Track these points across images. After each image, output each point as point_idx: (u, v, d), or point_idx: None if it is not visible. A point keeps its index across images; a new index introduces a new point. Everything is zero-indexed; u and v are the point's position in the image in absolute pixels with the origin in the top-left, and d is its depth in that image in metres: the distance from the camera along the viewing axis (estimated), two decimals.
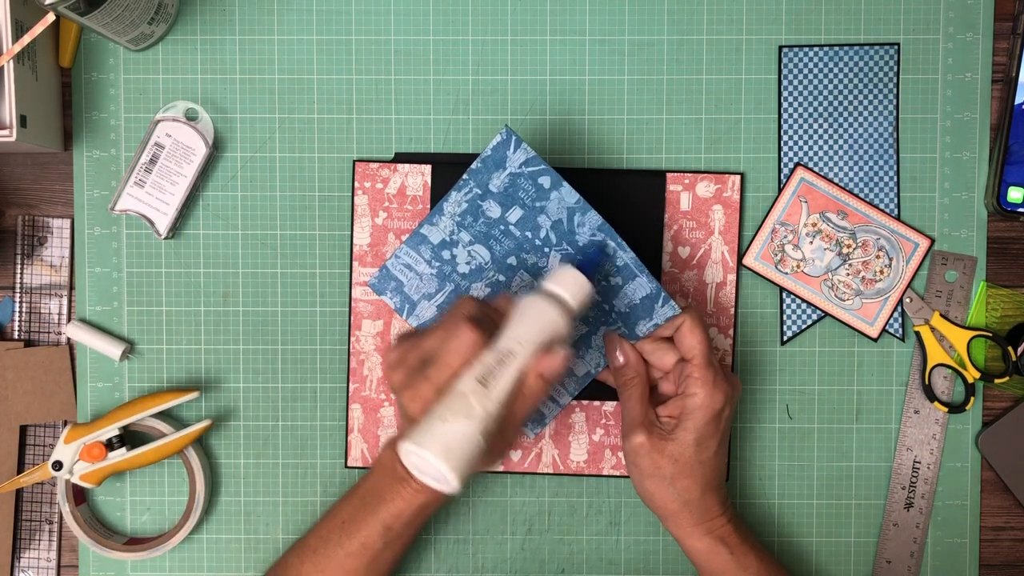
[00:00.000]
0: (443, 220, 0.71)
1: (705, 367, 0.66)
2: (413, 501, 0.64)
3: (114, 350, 0.74)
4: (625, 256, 0.69)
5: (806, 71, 0.75)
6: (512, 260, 0.71)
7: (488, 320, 0.63)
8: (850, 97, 0.75)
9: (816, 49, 0.75)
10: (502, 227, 0.70)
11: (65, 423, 0.75)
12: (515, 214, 0.70)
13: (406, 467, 0.63)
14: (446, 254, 0.72)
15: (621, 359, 0.69)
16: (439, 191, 0.74)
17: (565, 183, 0.69)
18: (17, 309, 0.76)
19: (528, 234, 0.70)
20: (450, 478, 0.58)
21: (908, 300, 0.75)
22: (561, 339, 0.63)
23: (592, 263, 0.67)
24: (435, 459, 0.58)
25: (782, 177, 0.75)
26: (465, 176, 0.69)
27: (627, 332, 0.70)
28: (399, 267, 0.72)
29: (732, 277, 0.75)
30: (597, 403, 0.75)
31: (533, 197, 0.69)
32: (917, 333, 0.75)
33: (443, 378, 0.61)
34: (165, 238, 0.75)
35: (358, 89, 0.75)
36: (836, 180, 0.75)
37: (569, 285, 0.64)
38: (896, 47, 0.75)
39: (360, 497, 0.67)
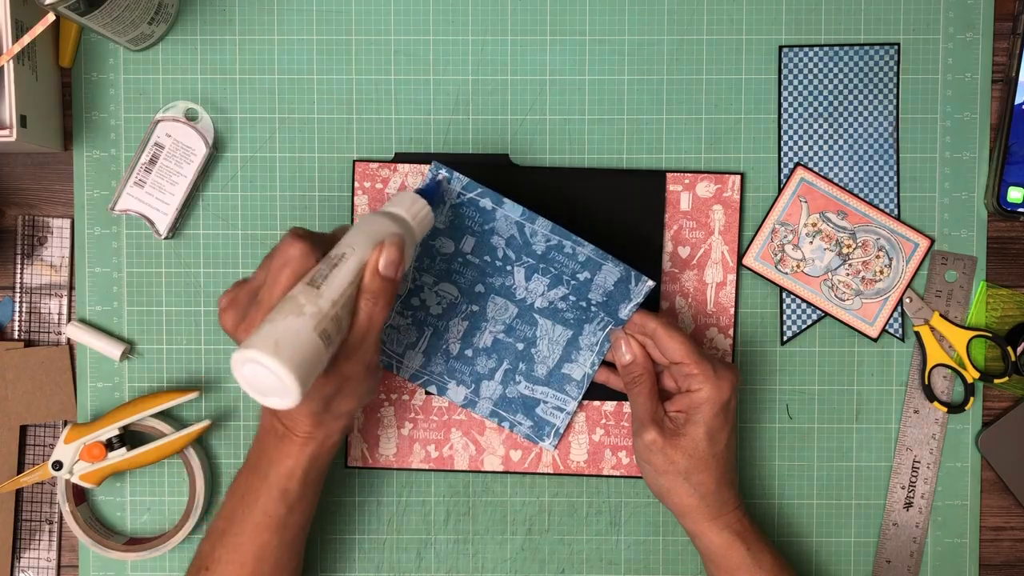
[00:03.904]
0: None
1: (700, 361, 0.66)
2: (300, 456, 0.63)
3: (114, 350, 0.74)
4: (585, 250, 0.69)
5: (806, 71, 0.75)
6: (480, 288, 0.71)
7: (320, 240, 0.60)
8: (850, 97, 0.75)
9: (816, 49, 0.75)
10: (460, 259, 0.70)
11: (65, 423, 0.75)
12: (468, 243, 0.70)
13: (275, 414, 0.58)
14: (415, 301, 0.72)
15: (628, 356, 0.69)
16: None
17: (506, 200, 0.69)
18: (17, 309, 0.76)
19: (487, 258, 0.70)
20: (284, 376, 0.52)
21: (908, 300, 0.75)
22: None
23: (430, 190, 0.66)
24: (264, 356, 0.52)
25: (782, 177, 0.75)
26: None
27: (611, 320, 0.70)
28: None
29: (732, 277, 0.75)
30: (597, 403, 0.75)
31: (479, 222, 0.69)
32: (917, 333, 0.75)
33: (274, 297, 0.57)
34: (165, 238, 0.75)
35: (358, 89, 0.75)
36: (836, 180, 0.75)
37: (403, 203, 0.63)
38: (896, 47, 0.75)
39: (250, 467, 0.65)
